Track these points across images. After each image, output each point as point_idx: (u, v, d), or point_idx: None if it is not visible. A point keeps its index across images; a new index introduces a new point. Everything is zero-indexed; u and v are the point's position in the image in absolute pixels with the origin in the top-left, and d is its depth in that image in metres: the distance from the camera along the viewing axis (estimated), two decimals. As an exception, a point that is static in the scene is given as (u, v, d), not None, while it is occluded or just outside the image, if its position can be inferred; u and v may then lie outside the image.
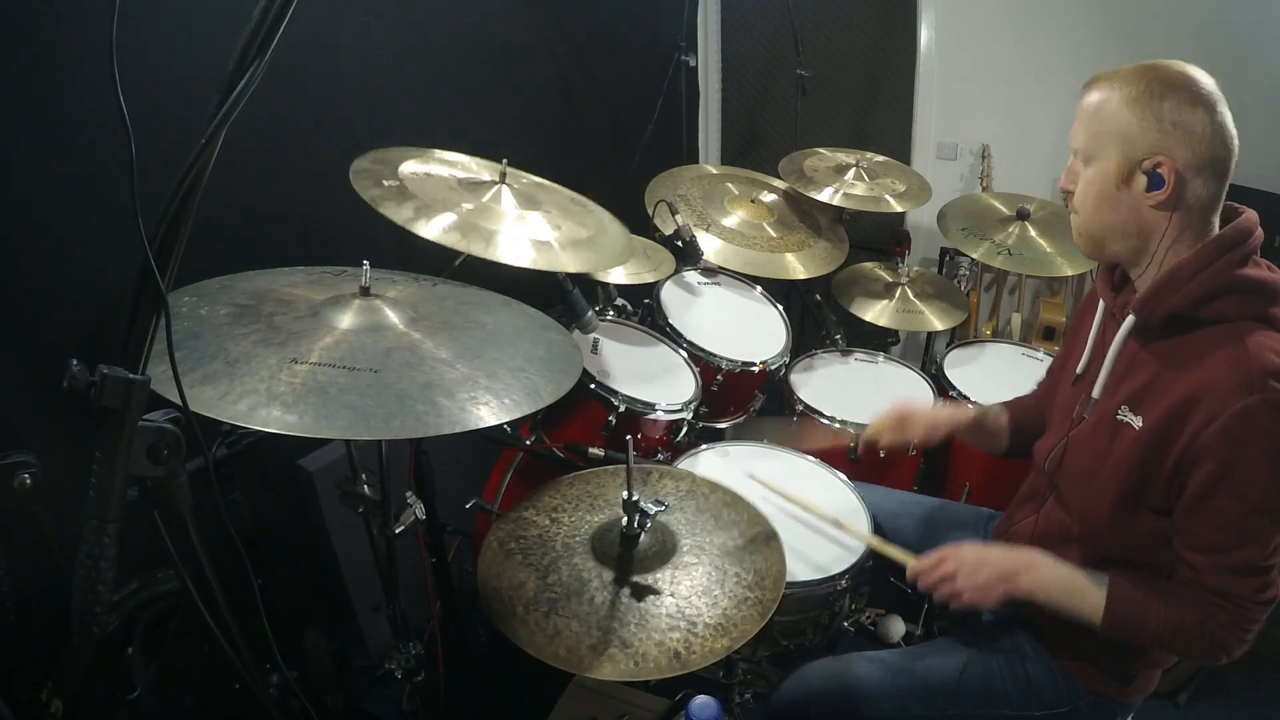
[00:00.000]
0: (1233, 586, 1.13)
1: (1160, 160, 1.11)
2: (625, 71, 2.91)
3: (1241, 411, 1.06)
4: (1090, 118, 1.18)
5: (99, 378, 0.73)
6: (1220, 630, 1.15)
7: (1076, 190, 1.22)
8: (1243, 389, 1.06)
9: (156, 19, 1.41)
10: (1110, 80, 1.15)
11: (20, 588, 1.20)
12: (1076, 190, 1.22)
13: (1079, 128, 1.20)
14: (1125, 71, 1.14)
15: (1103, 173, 1.17)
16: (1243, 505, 1.10)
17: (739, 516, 1.42)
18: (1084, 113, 1.19)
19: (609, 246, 1.64)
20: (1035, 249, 2.38)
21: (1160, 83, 1.11)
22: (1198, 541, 1.16)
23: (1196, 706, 2.07)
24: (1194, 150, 1.10)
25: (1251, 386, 1.06)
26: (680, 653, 1.14)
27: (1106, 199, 1.18)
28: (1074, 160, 1.23)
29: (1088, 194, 1.20)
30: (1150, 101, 1.11)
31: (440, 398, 1.01)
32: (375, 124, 1.94)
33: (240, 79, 0.73)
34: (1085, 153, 1.19)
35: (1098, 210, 1.20)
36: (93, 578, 0.75)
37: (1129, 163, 1.14)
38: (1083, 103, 1.20)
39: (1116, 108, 1.14)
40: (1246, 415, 1.06)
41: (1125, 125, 1.13)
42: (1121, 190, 1.16)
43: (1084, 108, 1.19)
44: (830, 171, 2.51)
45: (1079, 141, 1.20)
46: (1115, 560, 1.25)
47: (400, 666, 1.43)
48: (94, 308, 1.39)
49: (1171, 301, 1.15)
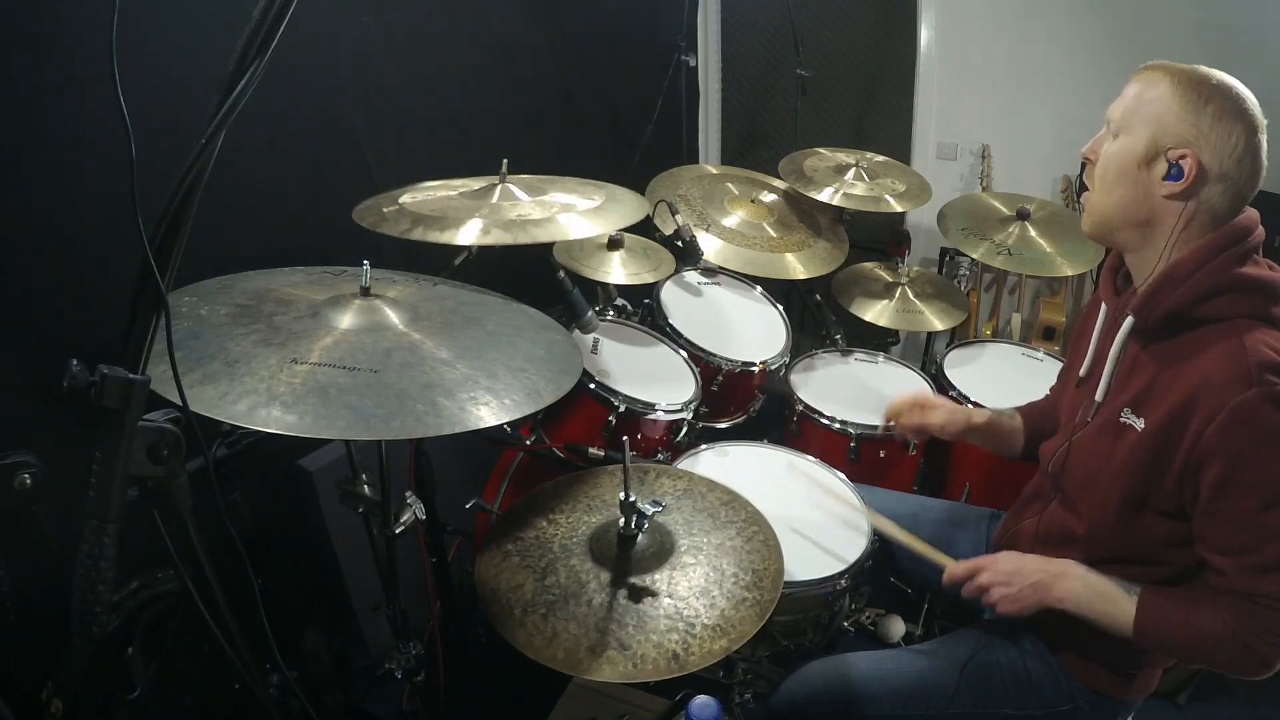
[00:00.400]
0: (1262, 587, 1.11)
1: (1186, 153, 1.12)
2: (625, 71, 2.91)
3: (1239, 406, 1.06)
4: (1135, 96, 1.18)
5: (99, 378, 0.73)
6: (1253, 639, 1.12)
7: (1098, 161, 1.22)
8: (1239, 384, 1.06)
9: (156, 19, 1.41)
10: (1166, 69, 1.16)
11: (20, 588, 1.20)
12: (1098, 161, 1.22)
13: (1119, 103, 1.20)
14: (1185, 68, 1.15)
15: (1128, 149, 1.17)
16: (1256, 502, 1.09)
17: (737, 516, 1.41)
18: (1129, 91, 1.19)
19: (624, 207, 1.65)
20: (1035, 249, 2.38)
21: (1213, 88, 1.12)
22: (1218, 544, 1.14)
23: (1196, 706, 2.07)
24: (1221, 159, 1.11)
25: (1248, 381, 1.06)
26: (678, 654, 1.14)
27: (1125, 175, 1.18)
28: (1104, 131, 1.23)
29: (1108, 166, 1.20)
30: (1197, 100, 1.11)
31: (440, 398, 1.01)
32: (374, 123, 1.94)
33: (240, 79, 0.73)
34: (1118, 125, 1.19)
35: (1114, 185, 1.20)
36: (93, 578, 0.75)
37: (1156, 146, 1.14)
38: (1132, 80, 1.20)
39: (1163, 93, 1.14)
40: (1244, 410, 1.06)
41: (1165, 111, 1.13)
42: (1141, 170, 1.16)
43: (1130, 86, 1.19)
44: (830, 171, 2.51)
45: (1115, 114, 1.20)
46: (1119, 561, 1.25)
47: (400, 666, 1.43)
48: (94, 308, 1.38)
49: (1169, 300, 1.15)
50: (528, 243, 1.40)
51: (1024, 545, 1.42)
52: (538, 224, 1.44)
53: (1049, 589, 1.26)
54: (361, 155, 1.73)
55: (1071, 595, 1.25)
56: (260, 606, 1.05)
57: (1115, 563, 1.26)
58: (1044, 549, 1.37)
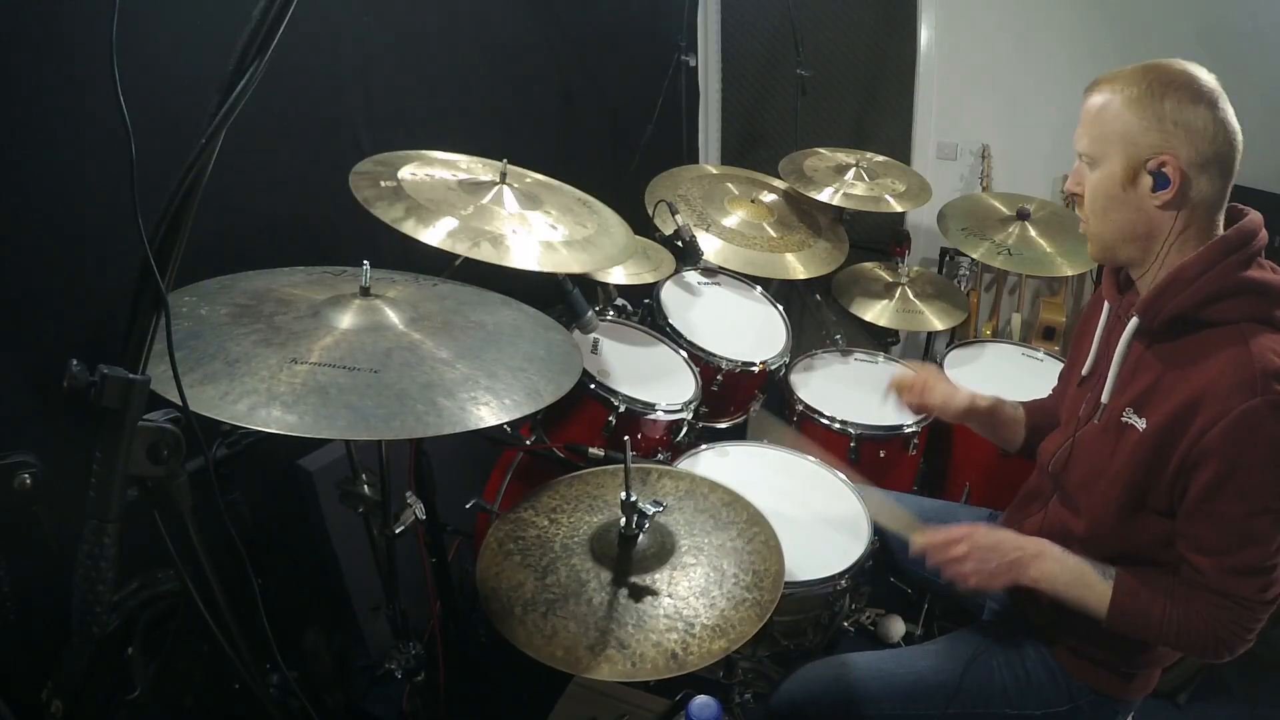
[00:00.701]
0: (1236, 588, 1.14)
1: (1165, 159, 1.11)
2: (625, 71, 2.90)
3: (1244, 414, 1.06)
4: (1093, 121, 1.17)
5: (99, 378, 0.73)
6: (1224, 629, 1.15)
7: (1085, 195, 1.22)
8: (1245, 391, 1.07)
9: (156, 19, 1.41)
10: (1111, 82, 1.15)
11: (20, 588, 1.20)
12: (1085, 195, 1.22)
13: (1082, 132, 1.20)
14: (1125, 73, 1.15)
15: (1109, 175, 1.17)
16: (1245, 507, 1.10)
17: (738, 516, 1.42)
18: (1086, 116, 1.19)
19: (609, 245, 1.64)
20: (1035, 249, 2.38)
21: (1160, 82, 1.11)
22: (1200, 543, 1.16)
23: (1196, 706, 2.07)
24: (1197, 148, 1.10)
25: (1254, 388, 1.06)
26: (678, 653, 1.14)
27: (1114, 201, 1.18)
28: (1079, 164, 1.22)
29: (1095, 198, 1.20)
30: (1151, 101, 1.11)
31: (440, 398, 1.01)
32: (375, 124, 1.94)
33: (240, 79, 0.73)
34: (1090, 156, 1.19)
35: (1107, 214, 1.19)
36: (93, 578, 0.75)
37: (1134, 164, 1.14)
38: (1085, 106, 1.19)
39: (1118, 110, 1.14)
40: (1249, 417, 1.06)
41: (1127, 126, 1.13)
42: (1128, 191, 1.16)
43: (1086, 111, 1.19)
44: (830, 171, 2.51)
45: (1083, 145, 1.20)
46: (1118, 560, 1.25)
47: (400, 666, 1.43)
48: (94, 308, 1.39)
49: (1175, 303, 1.15)
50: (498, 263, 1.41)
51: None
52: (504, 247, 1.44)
53: (1025, 567, 1.27)
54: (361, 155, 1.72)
55: (1047, 575, 1.26)
56: (260, 606, 1.05)
57: (1115, 561, 1.26)
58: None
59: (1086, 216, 1.23)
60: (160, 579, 1.37)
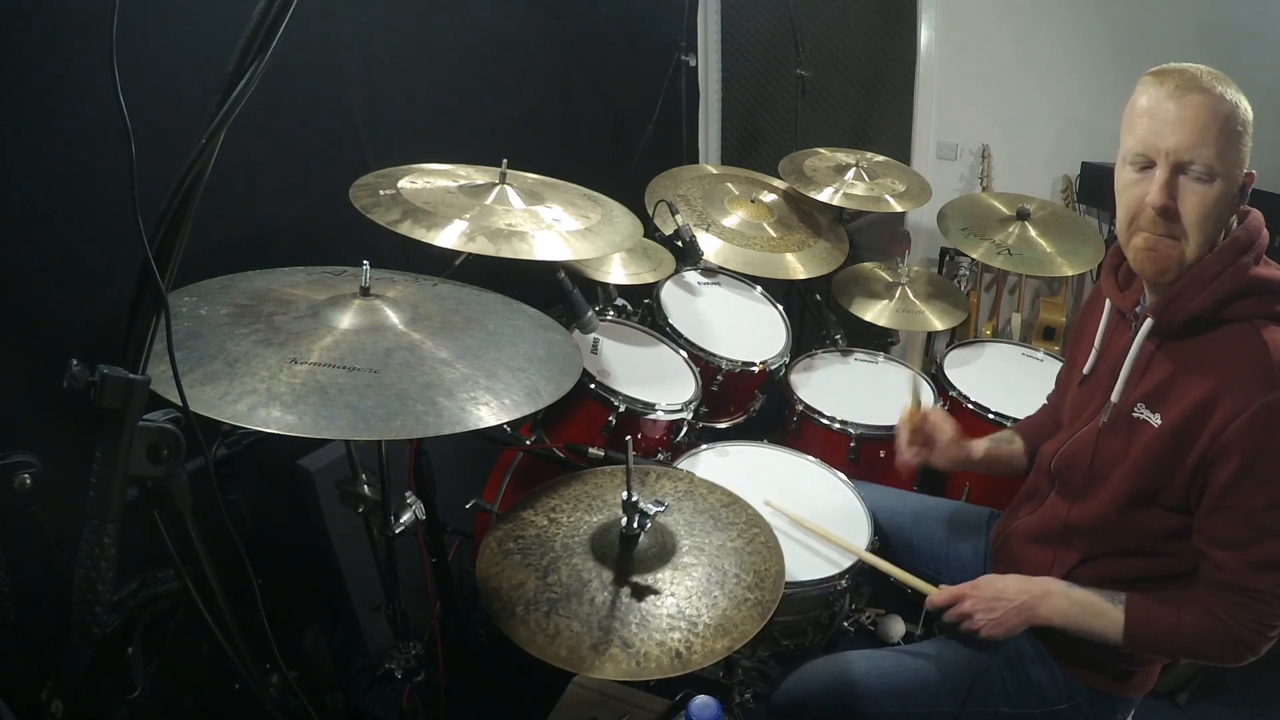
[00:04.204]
0: (1256, 582, 1.14)
1: (1251, 171, 1.13)
2: (625, 71, 2.90)
3: (1264, 408, 1.07)
4: (1220, 131, 1.07)
5: (99, 378, 0.73)
6: (1241, 630, 1.15)
7: (1191, 211, 1.10)
8: (1265, 384, 1.08)
9: (156, 19, 1.41)
10: (1225, 84, 1.10)
11: (20, 588, 1.20)
12: (1191, 211, 1.10)
13: (1199, 138, 1.07)
14: (1218, 74, 1.11)
15: (1227, 190, 1.11)
16: (1264, 500, 1.11)
17: (738, 517, 1.42)
18: (1203, 120, 1.07)
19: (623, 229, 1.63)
20: (1035, 249, 2.38)
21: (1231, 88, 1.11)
22: (1219, 538, 1.16)
23: (1196, 706, 2.07)
24: None
25: (1274, 382, 1.07)
26: (681, 653, 1.14)
27: (1223, 215, 1.13)
28: (1166, 173, 1.10)
29: (1208, 215, 1.10)
30: (1239, 111, 1.10)
31: (440, 398, 1.01)
32: (375, 124, 1.94)
33: (240, 79, 0.73)
34: (1211, 169, 1.08)
35: (1212, 225, 1.12)
36: (93, 578, 0.75)
37: (1241, 178, 1.13)
38: (1194, 107, 1.08)
39: (1245, 121, 1.10)
40: (1271, 410, 1.07)
41: (1238, 138, 1.10)
42: (1232, 203, 1.13)
43: (1202, 115, 1.07)
44: (830, 171, 2.51)
45: (1204, 157, 1.07)
46: (1118, 554, 1.26)
47: (400, 666, 1.43)
48: (94, 308, 1.39)
49: (1195, 304, 1.15)
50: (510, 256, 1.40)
51: (1021, 542, 1.43)
52: (523, 239, 1.44)
53: (1034, 609, 1.28)
54: (361, 155, 1.73)
55: (1058, 613, 1.27)
56: (260, 606, 1.05)
57: (1114, 556, 1.26)
58: (1041, 545, 1.38)
59: (1184, 233, 1.12)
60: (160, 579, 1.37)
